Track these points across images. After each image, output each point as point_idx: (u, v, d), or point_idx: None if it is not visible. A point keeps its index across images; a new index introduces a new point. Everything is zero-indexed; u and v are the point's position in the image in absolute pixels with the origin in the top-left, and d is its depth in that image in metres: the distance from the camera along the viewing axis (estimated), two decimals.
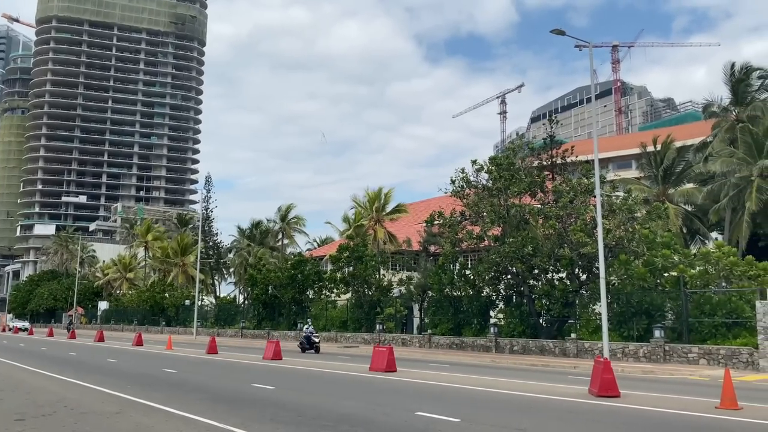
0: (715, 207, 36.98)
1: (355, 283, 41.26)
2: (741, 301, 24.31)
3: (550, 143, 34.62)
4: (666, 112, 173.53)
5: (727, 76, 40.97)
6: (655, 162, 42.86)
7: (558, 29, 21.05)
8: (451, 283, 34.13)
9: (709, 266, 26.65)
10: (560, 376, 19.80)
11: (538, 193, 32.07)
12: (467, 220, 32.97)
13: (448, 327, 34.85)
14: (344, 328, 41.56)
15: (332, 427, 10.11)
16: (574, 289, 29.52)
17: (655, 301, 26.47)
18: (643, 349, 24.92)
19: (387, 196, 46.12)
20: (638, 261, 27.66)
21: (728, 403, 12.24)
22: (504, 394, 14.81)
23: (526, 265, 29.89)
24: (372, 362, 20.67)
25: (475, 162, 33.81)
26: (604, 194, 28.87)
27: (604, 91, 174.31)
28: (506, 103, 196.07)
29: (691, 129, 66.53)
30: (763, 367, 21.32)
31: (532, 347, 29.20)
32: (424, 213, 42.11)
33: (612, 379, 14.02)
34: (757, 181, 34.06)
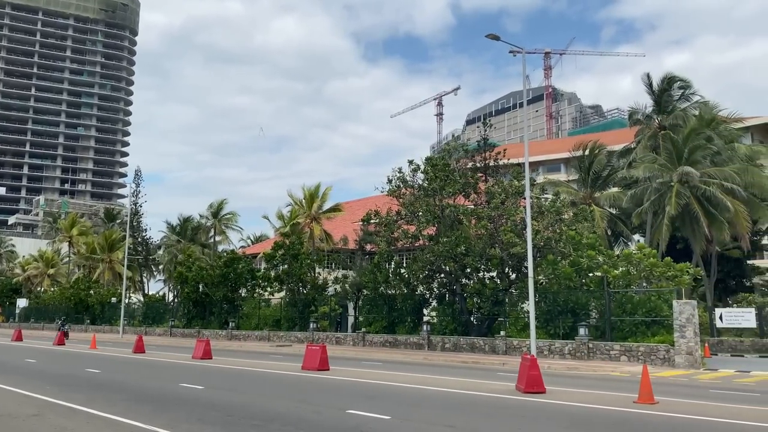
0: (638, 210, 38.73)
1: (289, 282, 40.88)
2: (660, 300, 25.56)
3: (484, 146, 35.44)
4: (594, 118, 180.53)
5: (650, 86, 42.99)
6: (582, 166, 44.48)
7: (493, 34, 21.51)
8: (386, 281, 34.34)
9: (631, 267, 27.90)
10: (489, 373, 20.27)
11: (472, 194, 32.73)
12: (403, 220, 33.27)
13: (382, 325, 35.05)
14: (277, 327, 41.09)
15: (262, 426, 10.00)
16: (504, 288, 30.29)
17: (581, 300, 27.49)
18: (569, 347, 25.83)
19: (324, 194, 45.93)
20: (565, 261, 28.63)
21: (645, 398, 12.87)
22: (435, 392, 15.04)
23: (458, 264, 30.43)
24: (305, 361, 20.55)
25: (412, 162, 34.18)
26: (534, 196, 29.75)
27: (536, 96, 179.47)
28: (443, 105, 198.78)
29: (617, 135, 69.40)
30: (679, 363, 22.52)
31: (463, 345, 29.77)
32: (360, 211, 42.18)
33: (538, 376, 14.48)
34: (677, 186, 35.90)
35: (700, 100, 43.41)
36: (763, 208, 40.38)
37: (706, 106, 42.83)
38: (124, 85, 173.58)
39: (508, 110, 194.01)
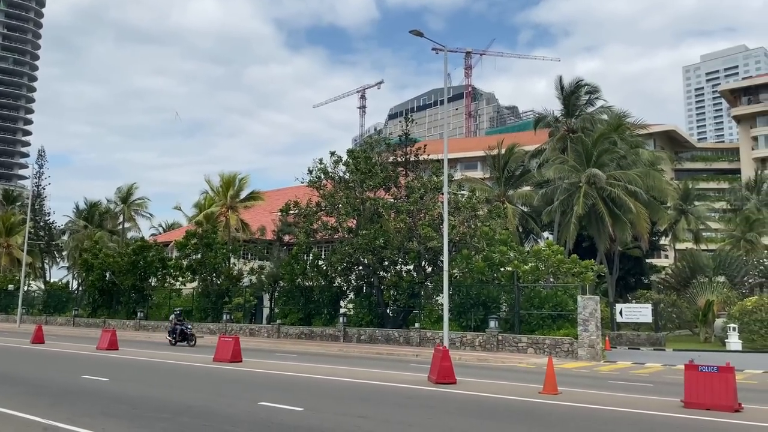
0: (548, 209, 40.41)
1: (202, 271, 39.80)
2: (565, 295, 26.80)
3: (405, 141, 35.82)
4: (510, 119, 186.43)
5: (561, 90, 44.81)
6: (497, 165, 45.87)
7: (416, 30, 21.75)
8: (303, 273, 34.11)
9: (540, 263, 29.09)
10: (403, 365, 20.59)
11: (392, 188, 33.04)
12: (323, 211, 33.11)
13: (298, 317, 34.82)
14: (189, 318, 39.90)
15: (171, 419, 9.71)
16: (420, 281, 30.82)
17: (492, 293, 28.40)
18: (479, 339, 26.65)
19: (242, 183, 44.85)
20: (479, 256, 29.48)
21: (549, 389, 13.49)
22: (349, 383, 15.11)
23: (377, 257, 30.67)
24: (216, 353, 20.11)
25: (334, 154, 34.08)
26: (451, 192, 30.42)
27: (457, 94, 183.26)
28: (366, 98, 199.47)
29: (532, 136, 71.86)
30: (581, 356, 23.73)
31: (378, 336, 30.06)
32: (279, 202, 41.62)
33: (449, 367, 14.85)
34: (584, 187, 37.72)
35: (605, 105, 45.64)
36: (662, 211, 43.21)
37: (611, 111, 45.12)
38: (28, 59, 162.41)
39: (430, 107, 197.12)
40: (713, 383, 11.67)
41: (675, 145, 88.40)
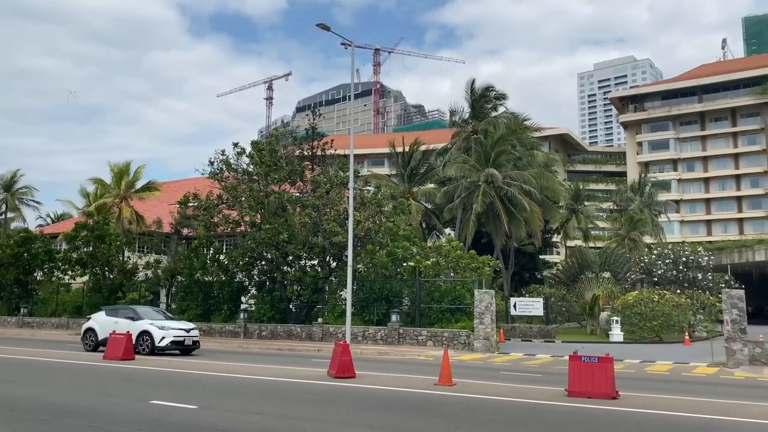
0: (450, 206, 41.57)
1: (94, 265, 37.70)
2: (464, 289, 27.68)
3: (312, 135, 35.56)
4: (417, 117, 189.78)
5: (471, 92, 46.23)
6: (403, 162, 46.61)
7: (323, 24, 21.66)
8: (203, 267, 33.11)
9: (440, 258, 29.88)
10: (304, 360, 20.51)
11: (298, 182, 32.71)
12: (224, 204, 32.27)
13: (196, 313, 33.76)
14: (79, 314, 37.71)
15: (51, 421, 9.16)
16: (324, 276, 30.78)
17: (395, 288, 28.87)
18: (381, 332, 27.01)
19: (137, 172, 42.72)
20: (383, 251, 29.86)
21: (445, 380, 13.91)
22: (247, 379, 14.88)
23: (281, 252, 30.30)
24: (107, 350, 19.17)
25: (237, 145, 33.28)
26: (357, 188, 30.55)
27: (366, 91, 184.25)
28: (273, 90, 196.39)
29: (437, 135, 73.85)
30: (477, 348, 24.62)
31: (280, 332, 29.76)
32: (179, 193, 40.07)
33: (349, 361, 14.96)
34: (483, 186, 39.09)
35: (510, 110, 47.70)
36: (554, 210, 45.56)
37: (514, 116, 47.13)
38: None
39: (338, 102, 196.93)
40: (594, 373, 12.48)
41: (568, 148, 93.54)
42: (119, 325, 21.29)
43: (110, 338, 19.54)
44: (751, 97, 79.61)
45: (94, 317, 23.46)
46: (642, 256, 46.62)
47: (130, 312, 22.75)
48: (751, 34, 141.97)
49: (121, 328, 20.65)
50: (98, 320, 22.84)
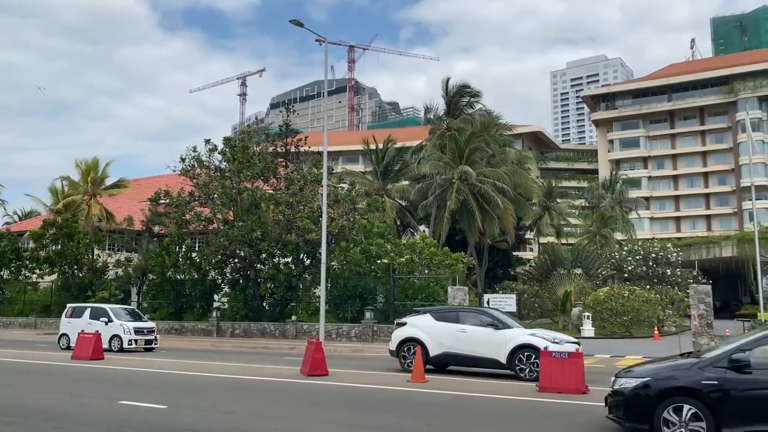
0: (424, 203, 41.70)
1: (62, 264, 36.98)
2: (437, 286, 27.84)
3: (286, 131, 35.33)
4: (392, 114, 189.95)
5: (446, 90, 46.41)
6: (377, 159, 46.61)
7: (297, 20, 21.50)
8: (175, 265, 32.73)
9: (414, 255, 29.97)
10: (277, 358, 20.40)
11: (271, 179, 32.50)
12: (196, 201, 31.92)
13: (168, 311, 33.38)
14: (47, 314, 37.04)
15: (17, 423, 8.99)
16: (298, 274, 30.64)
17: (369, 285, 28.87)
18: (355, 330, 27.00)
19: (105, 168, 41.99)
20: (357, 248, 29.83)
21: (417, 377, 13.95)
22: (219, 378, 14.75)
23: (254, 250, 30.07)
24: (75, 350, 18.85)
25: (209, 141, 32.90)
26: (331, 185, 30.47)
27: (340, 87, 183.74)
28: (247, 86, 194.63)
29: (411, 132, 73.98)
30: None
31: (253, 330, 29.55)
32: (150, 190, 39.47)
33: (322, 359, 14.92)
34: (457, 183, 39.29)
35: (484, 108, 47.96)
36: (527, 207, 46.00)
37: (489, 114, 47.43)
38: None
39: (313, 98, 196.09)
40: (564, 368, 12.64)
41: (541, 146, 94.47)
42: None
43: (78, 338, 19.22)
44: (718, 97, 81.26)
45: None
46: (613, 252, 47.28)
47: None
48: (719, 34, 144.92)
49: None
50: None
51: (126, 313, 23.78)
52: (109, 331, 22.22)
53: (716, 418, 7.52)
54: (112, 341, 22.15)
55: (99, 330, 21.32)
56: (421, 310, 17.14)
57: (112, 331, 22.29)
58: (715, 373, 7.74)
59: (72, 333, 22.40)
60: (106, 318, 22.64)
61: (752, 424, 7.45)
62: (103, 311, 23.18)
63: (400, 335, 16.15)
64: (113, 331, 22.33)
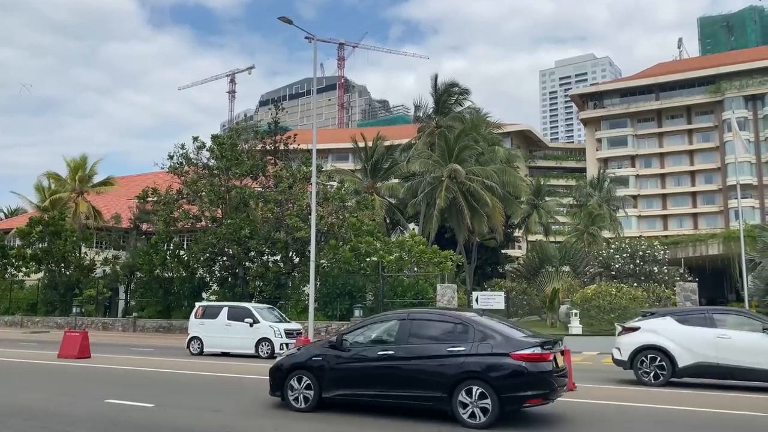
0: (413, 201, 41.75)
1: (49, 261, 36.71)
2: (426, 284, 27.93)
3: (275, 129, 35.28)
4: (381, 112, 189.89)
5: (435, 88, 46.46)
6: (366, 157, 46.59)
7: (285, 17, 21.44)
8: (163, 263, 32.59)
9: (403, 253, 30.02)
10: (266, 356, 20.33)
11: (260, 177, 32.43)
12: (184, 199, 31.80)
13: (156, 310, 33.24)
14: (33, 312, 36.77)
15: (0, 422, 8.89)
16: (287, 272, 30.60)
17: (358, 283, 28.89)
18: (344, 328, 26.94)
19: (94, 166, 41.72)
20: (346, 246, 29.83)
21: None
22: (207, 376, 14.70)
23: (242, 247, 30.01)
24: (62, 348, 18.66)
25: (197, 139, 32.80)
26: (321, 183, 30.49)
27: (330, 85, 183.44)
28: (236, 83, 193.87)
29: (401, 130, 73.96)
30: None
31: None
32: (138, 188, 39.28)
33: None
34: (446, 181, 39.37)
35: (472, 105, 48.12)
36: (515, 205, 46.17)
37: (478, 112, 47.55)
38: None
39: (302, 96, 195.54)
40: None
41: (529, 144, 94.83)
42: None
43: (65, 336, 19.06)
44: (705, 96, 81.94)
45: None
46: (600, 250, 47.51)
47: None
48: (706, 34, 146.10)
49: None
50: None
51: (270, 313, 21.26)
52: (255, 334, 19.63)
53: (320, 384, 9.62)
54: (260, 346, 19.51)
55: (240, 333, 19.68)
56: (657, 312, 14.69)
57: (260, 334, 19.62)
58: (322, 352, 9.83)
59: (207, 336, 20.17)
60: (251, 319, 19.88)
61: (342, 389, 9.50)
62: (245, 311, 20.45)
63: (635, 342, 13.71)
64: (261, 333, 19.63)
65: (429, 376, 8.89)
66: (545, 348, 8.77)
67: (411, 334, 9.32)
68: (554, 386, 8.83)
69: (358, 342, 9.68)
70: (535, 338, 9.01)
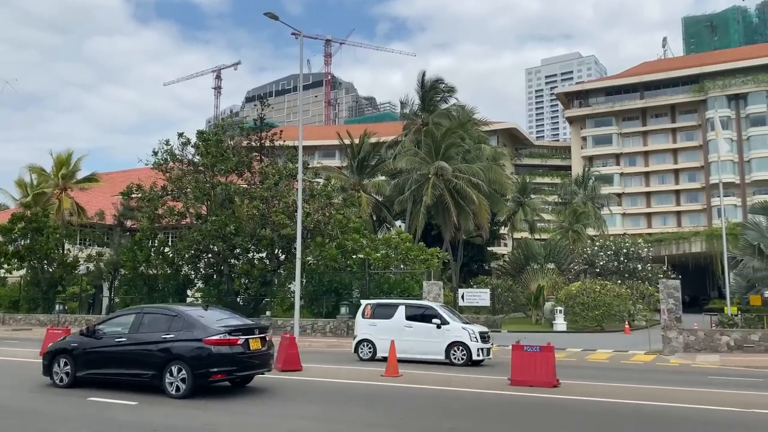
0: (400, 199, 41.78)
1: (31, 258, 36.27)
2: (412, 281, 27.97)
3: (261, 125, 35.06)
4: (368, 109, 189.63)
5: (421, 85, 46.47)
6: (353, 154, 46.53)
7: (271, 13, 21.34)
8: (147, 260, 32.33)
9: (390, 250, 30.07)
10: None
11: (245, 173, 32.23)
12: (169, 195, 31.54)
13: None
14: (15, 309, 36.31)
15: None
16: (273, 269, 30.49)
17: (344, 280, 28.87)
18: (330, 325, 26.97)
19: (77, 162, 41.18)
20: (332, 244, 29.78)
21: (391, 372, 14.01)
22: None
23: (227, 244, 29.85)
24: (43, 346, 18.42)
25: (182, 135, 32.50)
26: (307, 180, 30.38)
27: (317, 82, 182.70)
28: (221, 79, 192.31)
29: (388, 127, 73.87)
30: None
31: None
32: (122, 184, 38.90)
33: (295, 354, 14.89)
34: (433, 179, 39.43)
35: (458, 103, 48.22)
36: (501, 203, 46.38)
37: (463, 109, 47.64)
38: None
39: (289, 92, 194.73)
40: (536, 362, 12.79)
41: (515, 142, 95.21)
42: None
43: (47, 334, 18.84)
44: (689, 95, 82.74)
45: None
46: (585, 247, 47.95)
47: None
48: (690, 33, 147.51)
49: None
50: None
51: (452, 312, 18.72)
52: (445, 337, 16.92)
53: (75, 366, 11.63)
54: (452, 351, 16.79)
55: (424, 335, 16.92)
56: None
57: (451, 337, 16.88)
58: (79, 339, 11.95)
59: (380, 339, 17.22)
60: (438, 320, 17.13)
61: (90, 369, 11.55)
62: (429, 311, 17.66)
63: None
64: (453, 336, 16.88)
65: (147, 358, 11.02)
66: (233, 334, 10.95)
67: (141, 324, 11.50)
68: (241, 366, 11.09)
69: (105, 331, 11.81)
70: (228, 327, 11.13)
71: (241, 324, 11.58)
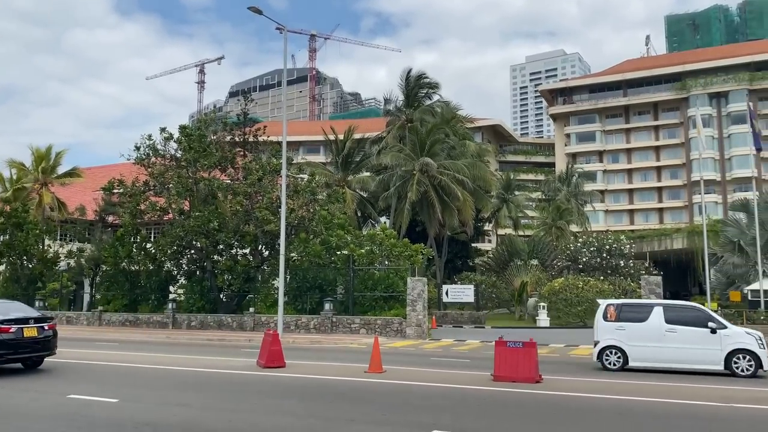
0: (385, 195, 41.76)
1: (11, 254, 35.75)
2: (397, 277, 27.93)
3: (244, 120, 34.82)
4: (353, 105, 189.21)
5: (406, 80, 46.44)
6: (337, 150, 46.42)
7: (255, 7, 21.17)
8: (129, 256, 32.01)
9: (374, 246, 30.01)
10: (234, 350, 20.17)
11: (229, 169, 31.98)
12: (151, 191, 31.22)
13: (122, 303, 32.68)
14: None
15: None
16: (256, 265, 30.32)
17: (328, 276, 28.78)
18: (314, 321, 26.90)
19: (58, 157, 40.64)
20: (316, 240, 29.67)
21: (375, 368, 13.99)
22: (173, 371, 14.51)
23: (211, 240, 29.61)
24: None
25: (164, 130, 32.15)
26: (291, 175, 30.20)
27: (301, 77, 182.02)
28: (205, 73, 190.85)
29: (373, 123, 73.80)
30: (409, 334, 24.91)
31: (210, 322, 29.16)
32: (104, 179, 38.45)
33: (279, 351, 14.81)
34: (418, 175, 39.45)
35: (442, 99, 48.27)
36: (486, 199, 46.53)
37: (448, 106, 47.69)
38: None
39: (273, 87, 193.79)
40: (519, 358, 12.84)
41: (500, 139, 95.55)
42: None
43: None
44: (671, 93, 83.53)
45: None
46: (568, 244, 48.23)
47: None
48: (673, 32, 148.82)
49: None
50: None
51: None
52: (723, 345, 14.20)
53: None
54: (734, 361, 14.09)
55: (694, 342, 14.32)
56: None
57: (732, 344, 14.17)
58: None
59: (633, 345, 14.87)
60: (714, 323, 14.41)
61: None
62: (699, 313, 14.95)
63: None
64: (734, 343, 14.18)
65: None
66: (3, 324, 12.91)
67: None
68: (12, 352, 13.09)
69: None
70: (4, 318, 12.97)
71: (19, 316, 13.44)
